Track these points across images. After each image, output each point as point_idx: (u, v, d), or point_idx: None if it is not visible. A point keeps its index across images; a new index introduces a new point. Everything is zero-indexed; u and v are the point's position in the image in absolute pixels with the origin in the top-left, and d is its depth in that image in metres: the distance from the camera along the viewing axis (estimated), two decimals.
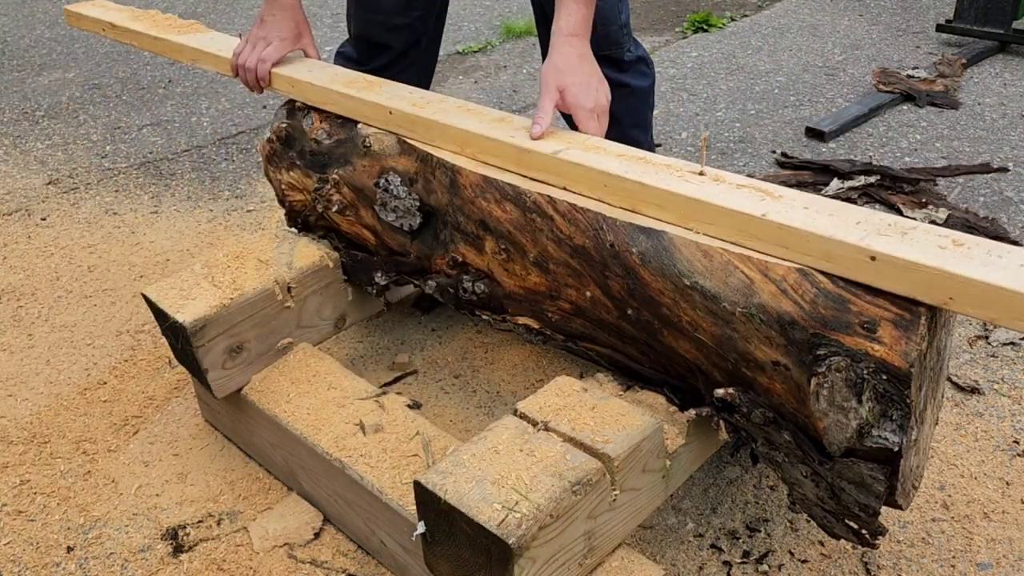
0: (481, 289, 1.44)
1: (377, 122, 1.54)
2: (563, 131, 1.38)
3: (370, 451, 1.38)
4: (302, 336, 1.62)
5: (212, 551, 1.47)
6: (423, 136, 1.47)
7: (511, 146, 1.35)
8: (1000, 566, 1.39)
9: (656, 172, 1.23)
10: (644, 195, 1.21)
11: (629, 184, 1.22)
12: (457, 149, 1.43)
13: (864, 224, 1.06)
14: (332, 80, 1.61)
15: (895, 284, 1.00)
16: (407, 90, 1.57)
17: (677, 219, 1.19)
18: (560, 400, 1.23)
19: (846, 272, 1.04)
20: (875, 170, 2.62)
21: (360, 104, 1.55)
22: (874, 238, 1.03)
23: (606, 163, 1.26)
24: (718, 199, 1.15)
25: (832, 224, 1.06)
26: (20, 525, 1.55)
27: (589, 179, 1.27)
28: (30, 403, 1.84)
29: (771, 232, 1.09)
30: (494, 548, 1.04)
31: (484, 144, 1.38)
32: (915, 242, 1.02)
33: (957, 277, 0.96)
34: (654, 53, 3.81)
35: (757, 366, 1.12)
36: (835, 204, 1.12)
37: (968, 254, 0.99)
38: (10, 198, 2.72)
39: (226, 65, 1.74)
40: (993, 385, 1.78)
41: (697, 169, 1.22)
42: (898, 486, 1.08)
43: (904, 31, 3.92)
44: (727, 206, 1.13)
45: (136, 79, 3.73)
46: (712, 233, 1.16)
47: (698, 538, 1.46)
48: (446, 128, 1.43)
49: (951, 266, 0.97)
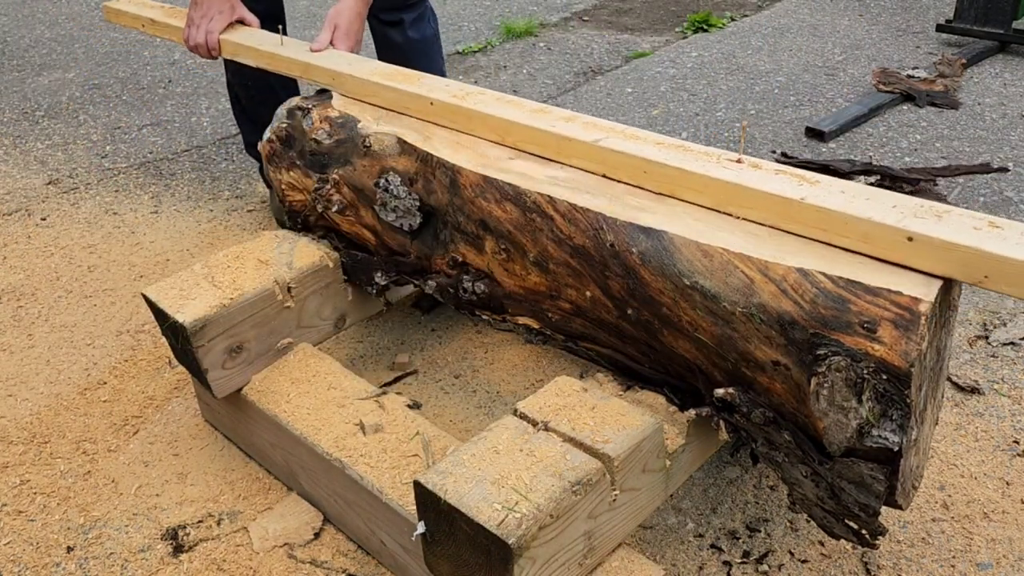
0: (481, 289, 1.44)
1: (418, 113, 1.59)
2: (602, 121, 1.42)
3: (370, 451, 1.38)
4: (302, 336, 1.62)
5: (212, 551, 1.47)
6: (465, 126, 1.52)
7: (552, 135, 1.39)
8: (1000, 566, 1.39)
9: (695, 159, 1.27)
10: (684, 181, 1.25)
11: (670, 170, 1.26)
12: (498, 139, 1.48)
13: (900, 207, 1.10)
14: (372, 73, 1.69)
15: (932, 264, 1.05)
16: (444, 82, 1.63)
17: (715, 204, 1.23)
18: (560, 400, 1.23)
19: (884, 253, 1.08)
20: (875, 170, 2.62)
21: (401, 96, 1.61)
22: (910, 220, 1.07)
23: (646, 150, 1.30)
24: (757, 184, 1.18)
25: (869, 207, 1.11)
26: (20, 525, 1.54)
27: (630, 166, 1.30)
28: (30, 403, 1.84)
29: (810, 215, 1.13)
30: (494, 548, 1.04)
31: (525, 133, 1.43)
32: (950, 223, 1.06)
33: (993, 256, 1.00)
34: (654, 53, 3.81)
35: (757, 366, 1.12)
36: (870, 189, 1.17)
37: (1003, 235, 1.03)
38: (10, 198, 2.72)
39: (272, 59, 1.88)
40: (993, 385, 1.78)
41: (735, 157, 1.26)
42: (898, 486, 1.08)
43: (904, 31, 3.92)
44: (767, 190, 1.17)
45: (136, 79, 3.73)
46: (752, 217, 1.20)
47: (698, 538, 1.46)
48: (487, 118, 1.47)
49: (987, 245, 1.01)
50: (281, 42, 1.88)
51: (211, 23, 1.96)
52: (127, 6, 2.28)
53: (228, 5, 1.98)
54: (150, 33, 2.21)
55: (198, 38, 1.96)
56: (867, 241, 1.09)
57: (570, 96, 3.39)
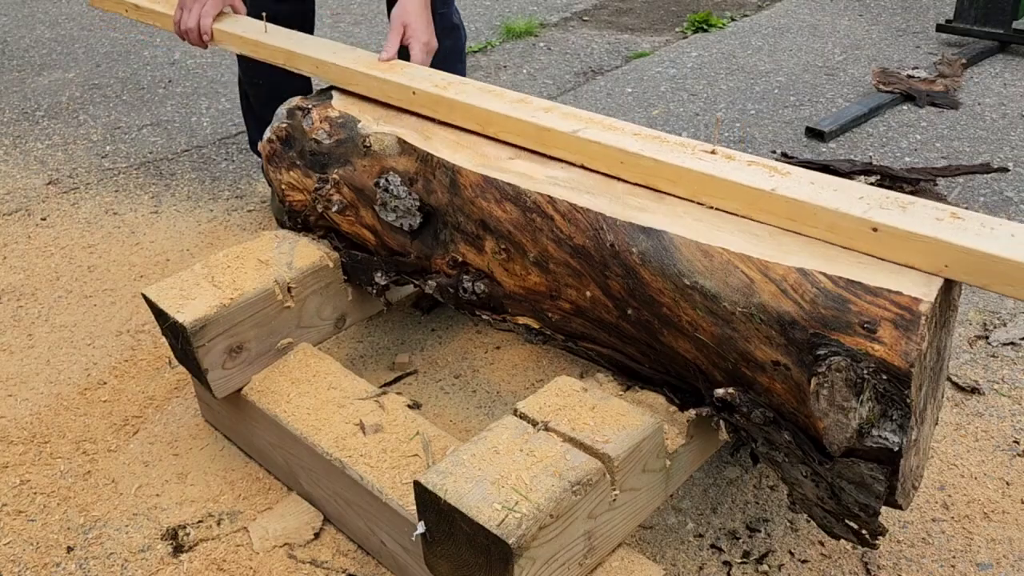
0: (481, 289, 1.44)
1: (400, 102, 1.59)
2: (582, 112, 1.43)
3: (370, 451, 1.38)
4: (302, 336, 1.62)
5: (212, 551, 1.47)
6: (446, 116, 1.52)
7: (532, 125, 1.40)
8: (1000, 566, 1.39)
9: (671, 150, 1.29)
10: (659, 171, 1.27)
11: (645, 161, 1.28)
12: (479, 128, 1.48)
13: (866, 199, 1.12)
14: (355, 61, 1.68)
15: (895, 254, 1.07)
16: (428, 72, 1.63)
17: (689, 194, 1.25)
18: (560, 400, 1.23)
19: (849, 242, 1.10)
20: (875, 170, 2.62)
21: (383, 84, 1.61)
22: (876, 211, 1.09)
23: (623, 141, 1.32)
24: (729, 175, 1.20)
25: (836, 198, 1.13)
26: (20, 525, 1.54)
27: (607, 156, 1.32)
28: (30, 403, 1.84)
29: (780, 206, 1.16)
30: (494, 548, 1.04)
31: (506, 123, 1.44)
32: (914, 215, 1.08)
33: (953, 246, 1.02)
34: (654, 53, 3.81)
35: (757, 366, 1.12)
36: (839, 181, 1.19)
37: (963, 226, 1.05)
38: (10, 198, 2.72)
39: (256, 47, 1.85)
40: (993, 385, 1.78)
41: (709, 148, 1.28)
42: (898, 486, 1.08)
43: (904, 31, 3.92)
44: (738, 181, 1.19)
45: (136, 79, 3.73)
46: (724, 207, 1.21)
47: (698, 538, 1.46)
48: (469, 108, 1.48)
49: (947, 236, 1.03)
50: (265, 29, 1.86)
51: (204, 7, 1.92)
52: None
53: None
54: (134, 19, 2.15)
55: (189, 22, 1.92)
56: (833, 231, 1.11)
57: (570, 96, 3.39)
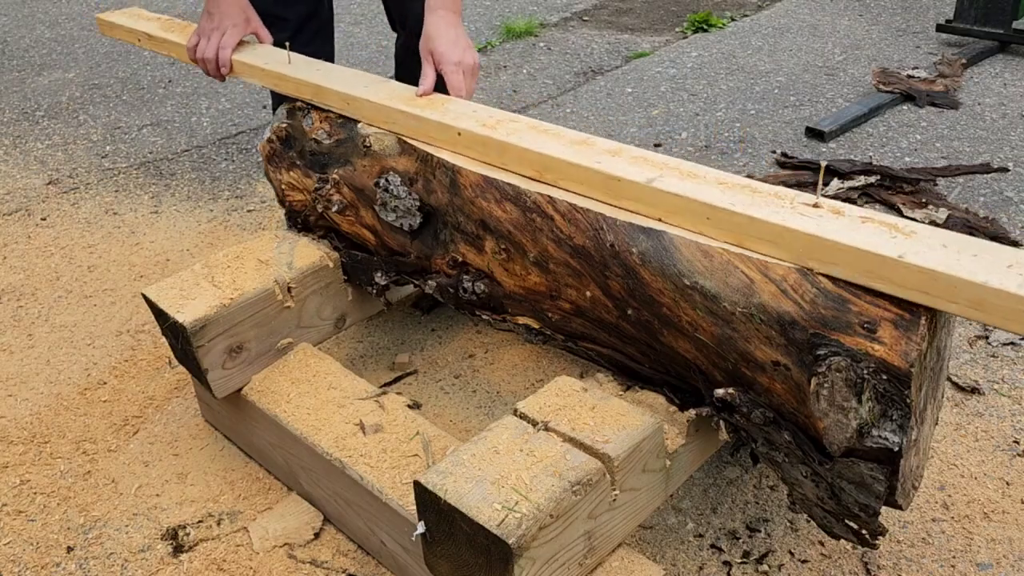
0: (481, 289, 1.44)
1: (444, 143, 1.45)
2: (655, 156, 1.27)
3: (370, 451, 1.38)
4: (302, 336, 1.62)
5: (212, 551, 1.47)
6: (496, 160, 1.38)
7: (598, 173, 1.23)
8: (1000, 566, 1.39)
9: (765, 203, 1.12)
10: (754, 230, 1.10)
11: (737, 218, 1.11)
12: (535, 175, 1.33)
13: (1017, 267, 0.96)
14: (391, 97, 1.53)
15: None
16: (471, 107, 1.47)
17: (793, 257, 1.08)
18: (560, 400, 1.23)
19: (1001, 323, 0.94)
20: (875, 170, 2.62)
21: (424, 124, 1.46)
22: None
23: (708, 193, 1.15)
24: (843, 236, 1.04)
25: (980, 266, 0.97)
26: (20, 525, 1.55)
27: (690, 211, 1.16)
28: (30, 403, 1.84)
29: (910, 276, 0.99)
30: (494, 548, 1.04)
31: (568, 170, 1.27)
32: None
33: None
34: (654, 53, 3.81)
35: (757, 366, 1.12)
36: (977, 243, 1.01)
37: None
38: (10, 198, 2.72)
39: (279, 80, 1.69)
40: (993, 385, 1.78)
41: (812, 201, 1.12)
42: (898, 486, 1.08)
43: (904, 31, 3.92)
44: (856, 245, 1.02)
45: (136, 79, 3.73)
46: (836, 274, 1.05)
47: (698, 538, 1.46)
48: (524, 152, 1.32)
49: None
50: (288, 59, 1.69)
51: (224, 37, 1.73)
52: (121, 19, 2.08)
53: (243, 17, 1.76)
54: (147, 48, 2.00)
55: (207, 52, 1.73)
56: (980, 309, 0.94)
57: (570, 96, 3.39)
